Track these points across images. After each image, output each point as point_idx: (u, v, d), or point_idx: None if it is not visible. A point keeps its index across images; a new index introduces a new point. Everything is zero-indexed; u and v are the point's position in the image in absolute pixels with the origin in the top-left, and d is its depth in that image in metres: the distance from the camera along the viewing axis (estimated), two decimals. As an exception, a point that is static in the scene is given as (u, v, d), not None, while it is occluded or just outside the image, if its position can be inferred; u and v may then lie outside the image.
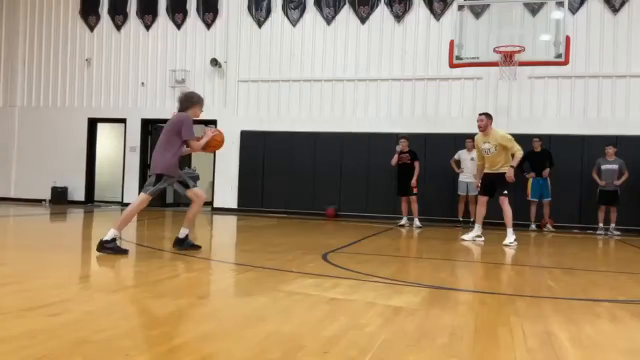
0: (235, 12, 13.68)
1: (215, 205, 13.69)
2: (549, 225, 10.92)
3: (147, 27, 14.36)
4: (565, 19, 9.66)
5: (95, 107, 14.73)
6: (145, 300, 3.63)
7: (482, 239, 8.15)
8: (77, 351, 2.38)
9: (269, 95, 13.49)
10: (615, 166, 10.52)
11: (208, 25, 13.91)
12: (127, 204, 13.88)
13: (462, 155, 11.23)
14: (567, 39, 9.34)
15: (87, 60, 14.75)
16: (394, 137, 11.26)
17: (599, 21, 11.63)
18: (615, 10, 11.55)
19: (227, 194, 13.58)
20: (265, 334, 2.76)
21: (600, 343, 2.86)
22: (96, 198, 15.05)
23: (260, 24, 13.54)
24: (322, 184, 12.83)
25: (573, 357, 2.59)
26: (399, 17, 12.67)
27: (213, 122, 13.97)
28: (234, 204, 13.53)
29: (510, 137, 7.88)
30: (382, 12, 12.81)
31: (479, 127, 8.00)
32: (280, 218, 12.14)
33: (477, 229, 8.26)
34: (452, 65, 9.99)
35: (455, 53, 9.70)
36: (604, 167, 10.59)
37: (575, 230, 11.00)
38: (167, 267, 5.07)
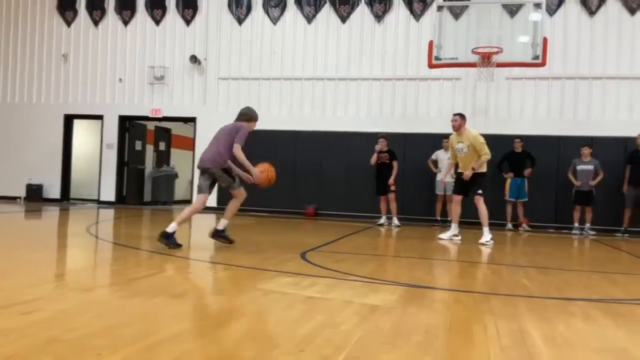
0: (215, 9, 13.60)
1: (194, 203, 13.57)
2: (524, 225, 11.06)
3: (126, 22, 14.20)
4: (542, 20, 9.75)
5: (72, 103, 14.51)
6: (119, 299, 3.58)
7: (459, 238, 8.24)
8: (48, 350, 2.34)
9: (249, 93, 13.43)
10: (590, 167, 10.69)
11: (187, 22, 13.80)
12: (103, 202, 13.86)
13: (440, 155, 11.30)
14: (545, 40, 9.44)
15: (63, 55, 14.53)
16: (374, 137, 11.28)
17: (576, 23, 11.81)
18: (591, 12, 11.73)
19: (206, 192, 13.46)
20: (240, 332, 2.75)
21: (573, 341, 2.89)
22: (72, 196, 14.83)
23: (240, 21, 13.48)
24: (302, 183, 12.83)
25: (546, 355, 2.62)
26: (379, 17, 12.72)
27: (192, 120, 13.89)
28: (213, 203, 13.39)
29: (482, 140, 7.97)
30: (362, 12, 12.84)
31: (453, 127, 8.16)
32: (260, 217, 12.10)
33: (454, 228, 8.34)
34: (431, 66, 10.03)
35: (435, 53, 9.75)
36: (579, 167, 10.76)
37: (551, 230, 11.16)
38: (143, 266, 5.01)
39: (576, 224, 10.79)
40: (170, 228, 5.80)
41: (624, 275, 5.62)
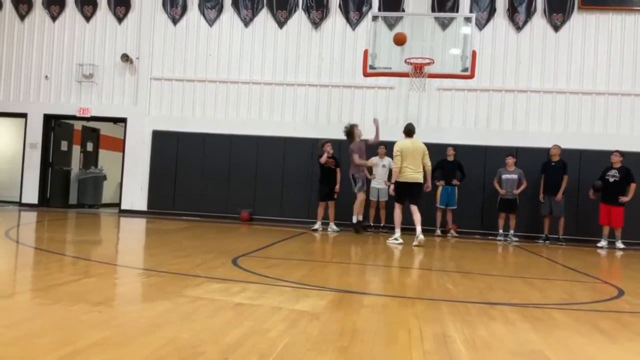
0: (149, 7, 13.27)
1: (123, 207, 13.17)
2: (452, 231, 11.42)
3: (54, 18, 13.62)
4: (472, 34, 10.11)
5: (-7, 100, 13.78)
6: (36, 306, 3.41)
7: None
8: (-48, 363, 2.20)
9: (183, 95, 13.19)
10: (514, 176, 11.17)
11: (119, 20, 13.39)
12: (25, 204, 13.18)
13: (375, 162, 11.46)
14: (474, 53, 9.79)
15: (-15, 49, 13.79)
16: (310, 142, 11.32)
17: (503, 38, 12.34)
18: (518, 28, 12.30)
19: (136, 195, 13.10)
20: (163, 341, 2.68)
21: (493, 345, 2.99)
22: (-9, 197, 14.08)
23: (175, 21, 13.22)
24: (237, 187, 12.70)
25: (466, 358, 2.70)
26: (316, 24, 12.81)
27: (122, 120, 13.49)
28: (143, 206, 13.08)
29: (396, 150, 8.66)
30: (299, 18, 12.89)
31: None
32: (192, 221, 11.87)
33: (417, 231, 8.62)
34: (365, 74, 10.19)
35: (369, 62, 9.91)
36: (504, 176, 11.22)
37: (477, 236, 11.57)
38: (65, 272, 4.80)
39: (501, 231, 11.24)
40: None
41: (543, 280, 5.89)
